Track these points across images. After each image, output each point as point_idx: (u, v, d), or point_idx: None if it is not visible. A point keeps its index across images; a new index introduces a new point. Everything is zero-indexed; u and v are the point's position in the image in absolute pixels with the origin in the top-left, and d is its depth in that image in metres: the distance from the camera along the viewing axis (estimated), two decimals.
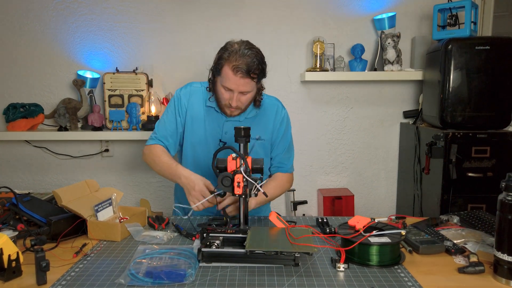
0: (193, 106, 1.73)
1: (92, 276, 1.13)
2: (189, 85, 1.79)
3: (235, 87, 1.57)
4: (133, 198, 2.79)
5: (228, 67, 1.55)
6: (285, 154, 1.81)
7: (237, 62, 1.53)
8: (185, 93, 1.76)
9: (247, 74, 1.54)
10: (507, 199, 1.07)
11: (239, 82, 1.56)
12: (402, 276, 1.13)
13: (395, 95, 2.74)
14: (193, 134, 1.73)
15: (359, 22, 2.67)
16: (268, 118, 1.76)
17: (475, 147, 2.13)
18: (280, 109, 1.79)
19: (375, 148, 2.80)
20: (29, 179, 2.77)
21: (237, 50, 1.55)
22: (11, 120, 2.53)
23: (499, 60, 2.16)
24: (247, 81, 1.56)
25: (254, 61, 1.55)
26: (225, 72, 1.57)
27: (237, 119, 1.71)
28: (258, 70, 1.57)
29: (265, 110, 1.76)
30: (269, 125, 1.76)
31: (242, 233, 1.28)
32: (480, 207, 2.14)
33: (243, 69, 1.53)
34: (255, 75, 1.57)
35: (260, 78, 1.62)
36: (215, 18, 2.64)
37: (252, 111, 1.73)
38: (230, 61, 1.55)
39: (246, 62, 1.53)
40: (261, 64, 1.59)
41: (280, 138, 1.79)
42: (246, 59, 1.54)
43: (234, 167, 1.35)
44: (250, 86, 1.59)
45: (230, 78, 1.56)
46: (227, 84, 1.58)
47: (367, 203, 2.84)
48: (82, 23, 2.63)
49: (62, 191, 1.44)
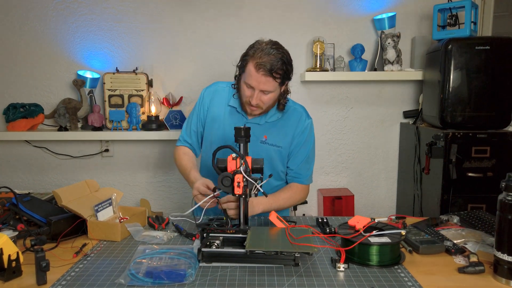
0: (215, 105, 1.75)
1: (92, 276, 1.13)
2: (214, 84, 1.81)
3: (256, 84, 1.56)
4: (133, 198, 2.80)
5: (251, 64, 1.55)
6: (304, 164, 1.75)
7: (260, 60, 1.53)
8: (209, 92, 1.78)
9: (269, 73, 1.53)
10: (507, 199, 1.07)
11: (261, 80, 1.55)
12: (402, 276, 1.13)
13: (395, 95, 2.74)
14: (213, 133, 1.74)
15: (359, 22, 2.67)
16: (289, 126, 1.72)
17: (475, 147, 2.13)
18: (304, 119, 1.74)
19: (375, 148, 2.80)
20: (29, 179, 2.77)
21: (263, 48, 1.55)
22: (11, 120, 2.53)
23: (499, 60, 2.16)
24: (268, 80, 1.55)
25: (278, 61, 1.54)
26: (249, 68, 1.57)
27: (257, 121, 1.69)
28: (281, 70, 1.55)
29: (288, 117, 1.73)
30: (289, 133, 1.72)
31: (242, 233, 1.28)
32: (480, 207, 2.14)
33: (266, 67, 1.52)
34: (278, 75, 1.55)
35: (283, 79, 1.59)
36: (215, 18, 2.64)
37: (274, 115, 1.71)
38: (254, 58, 1.54)
39: (270, 61, 1.52)
40: (285, 65, 1.57)
41: (300, 148, 1.74)
42: (271, 57, 1.53)
43: (234, 167, 1.35)
44: (272, 86, 1.57)
45: (252, 75, 1.56)
46: (249, 81, 1.58)
47: (367, 203, 2.84)
48: (82, 23, 2.63)
49: (62, 191, 1.44)
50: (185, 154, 1.78)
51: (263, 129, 1.70)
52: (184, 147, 1.81)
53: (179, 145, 1.83)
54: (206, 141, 1.78)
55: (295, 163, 1.75)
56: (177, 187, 2.79)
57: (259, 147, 1.69)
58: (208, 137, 1.76)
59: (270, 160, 1.71)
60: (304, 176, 1.77)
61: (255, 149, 1.68)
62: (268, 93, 1.59)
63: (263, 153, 1.69)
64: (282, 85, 1.63)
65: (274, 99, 1.65)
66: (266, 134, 1.70)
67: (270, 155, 1.70)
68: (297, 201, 1.79)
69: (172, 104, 2.61)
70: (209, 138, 1.75)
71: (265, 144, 1.70)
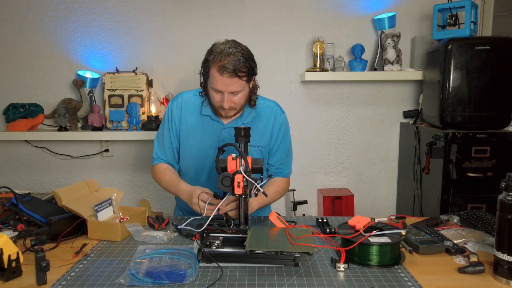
0: (187, 117, 1.71)
1: (92, 276, 1.13)
2: (179, 96, 1.76)
3: (224, 88, 1.55)
4: (133, 198, 2.80)
5: (214, 69, 1.53)
6: (284, 158, 1.78)
7: (222, 62, 1.51)
8: (177, 105, 1.73)
9: (233, 73, 1.52)
10: (507, 199, 1.07)
11: (227, 82, 1.53)
12: (402, 276, 1.13)
13: (395, 95, 2.74)
14: (190, 145, 1.71)
15: (359, 22, 2.67)
16: (265, 124, 1.72)
17: (475, 147, 2.13)
18: (279, 114, 1.75)
19: (375, 148, 2.80)
20: (29, 179, 2.77)
21: (222, 50, 1.53)
22: (11, 120, 2.53)
23: (499, 60, 2.15)
24: (235, 80, 1.53)
25: (239, 59, 1.52)
26: (212, 74, 1.55)
27: (233, 124, 1.66)
28: (245, 68, 1.54)
29: (263, 115, 1.73)
30: (267, 131, 1.72)
31: (242, 233, 1.28)
32: (480, 207, 2.14)
33: (229, 68, 1.50)
34: (243, 73, 1.54)
35: (249, 76, 1.58)
36: (215, 18, 2.64)
37: (249, 115, 1.70)
38: (215, 62, 1.52)
39: (231, 61, 1.51)
40: (248, 61, 1.55)
41: (279, 144, 1.75)
42: (231, 58, 1.51)
43: (234, 167, 1.35)
44: (240, 85, 1.56)
45: (218, 80, 1.54)
46: (216, 86, 1.56)
47: (367, 203, 2.84)
48: (82, 23, 2.63)
49: (62, 191, 1.44)
50: (167, 169, 1.73)
51: None
52: (162, 163, 1.75)
53: (156, 164, 1.76)
54: (184, 154, 1.74)
55: (277, 159, 1.77)
56: None
57: None
58: (186, 150, 1.73)
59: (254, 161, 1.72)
60: (286, 169, 1.81)
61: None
62: (238, 93, 1.58)
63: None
64: (250, 82, 1.62)
65: (246, 97, 1.64)
66: None
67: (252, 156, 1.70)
68: (283, 193, 1.84)
69: None
70: (188, 150, 1.72)
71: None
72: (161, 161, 1.75)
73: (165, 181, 1.71)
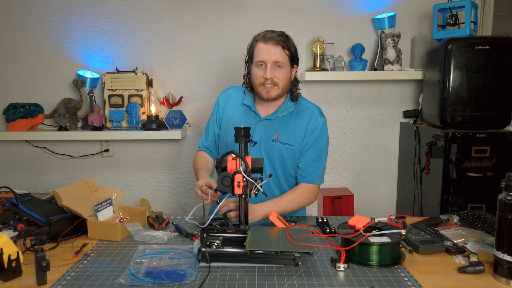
0: (230, 108, 1.79)
1: (92, 276, 1.13)
2: (228, 89, 1.87)
3: (267, 56, 1.62)
4: (133, 198, 2.80)
5: (259, 42, 1.64)
6: (313, 162, 1.71)
7: (267, 35, 1.63)
8: (224, 96, 1.83)
9: (278, 42, 1.61)
10: (507, 199, 1.07)
11: (271, 50, 1.61)
12: (402, 276, 1.13)
13: (395, 95, 2.74)
14: (228, 134, 1.76)
15: (359, 22, 2.67)
16: (301, 124, 1.71)
17: (475, 146, 2.13)
18: (316, 116, 1.72)
19: (375, 148, 2.80)
20: (29, 179, 2.77)
21: (266, 31, 1.66)
22: (11, 120, 2.53)
23: (499, 60, 2.15)
24: (279, 49, 1.62)
25: (283, 34, 1.65)
26: (258, 47, 1.65)
27: (269, 117, 1.71)
28: (288, 42, 1.65)
29: (300, 114, 1.72)
30: (301, 131, 1.70)
31: (242, 233, 1.28)
32: (480, 207, 2.14)
33: (273, 37, 1.61)
34: (286, 46, 1.63)
35: (292, 56, 1.67)
36: (215, 18, 2.64)
37: (286, 109, 1.71)
38: (260, 37, 1.65)
39: (276, 34, 1.64)
40: (291, 42, 1.67)
41: (310, 146, 1.70)
42: (276, 33, 1.65)
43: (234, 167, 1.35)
44: (282, 57, 1.63)
45: (262, 49, 1.63)
46: (260, 57, 1.63)
47: (367, 203, 2.84)
48: (82, 23, 2.63)
49: (62, 191, 1.44)
50: (201, 157, 1.83)
51: (275, 126, 1.71)
52: (201, 151, 1.87)
53: (198, 150, 1.89)
54: (222, 143, 1.82)
55: (305, 161, 1.70)
56: (177, 187, 2.79)
57: (271, 145, 1.70)
58: (224, 138, 1.79)
59: (282, 160, 1.71)
60: (313, 174, 1.70)
61: (268, 147, 1.70)
62: (281, 66, 1.64)
63: (275, 152, 1.70)
64: (292, 65, 1.69)
65: (288, 79, 1.68)
66: (278, 133, 1.70)
67: (282, 154, 1.70)
68: (302, 203, 1.69)
69: (172, 104, 2.61)
70: (225, 139, 1.79)
71: (277, 143, 1.70)
72: (203, 148, 1.87)
73: (195, 168, 1.81)
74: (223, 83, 2.69)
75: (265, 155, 1.71)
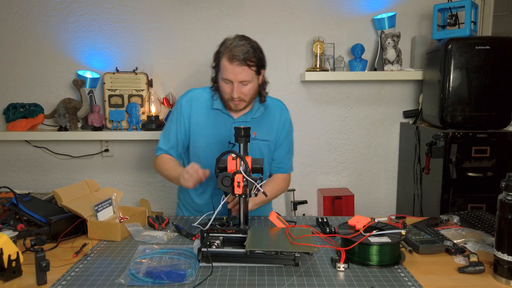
0: (197, 111, 1.75)
1: (92, 276, 1.13)
2: (189, 91, 1.81)
3: (233, 76, 1.59)
4: (133, 198, 2.80)
5: (225, 59, 1.59)
6: (287, 154, 1.83)
7: (232, 52, 1.57)
8: (187, 100, 1.77)
9: (243, 62, 1.56)
10: (507, 199, 1.07)
11: (237, 71, 1.58)
12: (402, 276, 1.13)
13: (395, 95, 2.74)
14: (201, 139, 1.74)
15: (359, 22, 2.67)
16: (273, 119, 1.78)
17: (475, 147, 2.13)
18: (284, 111, 1.82)
19: (375, 148, 2.80)
20: (29, 179, 2.77)
21: (232, 42, 1.60)
22: (11, 120, 2.53)
23: (499, 60, 2.15)
24: (244, 69, 1.58)
25: (249, 49, 1.58)
26: (223, 64, 1.60)
27: (244, 119, 1.72)
28: (254, 57, 1.59)
29: (270, 111, 1.78)
30: (274, 126, 1.78)
31: (242, 233, 1.28)
32: (480, 207, 2.14)
33: (239, 57, 1.56)
34: (252, 62, 1.59)
35: (258, 67, 1.63)
36: (215, 18, 2.64)
37: (258, 110, 1.74)
38: (226, 53, 1.59)
39: (241, 50, 1.57)
40: (257, 52, 1.61)
41: (283, 139, 1.80)
42: (241, 48, 1.57)
43: (234, 167, 1.35)
44: (249, 75, 1.60)
45: (228, 68, 1.59)
46: (226, 75, 1.60)
47: (367, 203, 2.84)
48: (82, 23, 2.63)
49: (62, 191, 1.44)
50: (170, 159, 1.77)
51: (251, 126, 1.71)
52: (165, 155, 1.79)
53: (159, 154, 1.80)
54: (195, 148, 1.76)
55: (280, 154, 1.81)
56: (177, 187, 2.78)
57: (250, 144, 1.71)
58: (197, 143, 1.75)
59: (261, 156, 1.75)
60: (287, 165, 1.84)
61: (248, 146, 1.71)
62: (247, 83, 1.62)
63: (255, 149, 1.73)
64: (259, 75, 1.67)
65: (255, 90, 1.68)
66: (254, 131, 1.73)
67: (261, 150, 1.75)
68: (281, 191, 1.85)
69: (172, 104, 2.60)
70: (198, 144, 1.75)
71: (256, 141, 1.74)
72: (165, 152, 1.79)
73: (168, 169, 1.73)
74: None
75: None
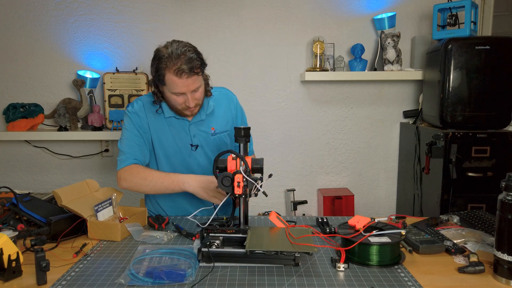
0: (152, 119, 1.70)
1: (92, 276, 1.13)
2: (139, 99, 1.74)
3: (186, 89, 1.55)
4: (133, 198, 2.79)
5: (170, 74, 1.51)
6: None
7: (176, 65, 1.50)
8: (139, 107, 1.70)
9: (191, 72, 1.52)
10: (507, 199, 1.07)
11: (188, 83, 1.54)
12: (402, 276, 1.13)
13: (395, 95, 2.74)
14: (164, 145, 1.71)
15: (359, 22, 2.67)
16: (225, 108, 1.78)
17: (475, 147, 2.13)
18: (230, 96, 1.82)
19: (375, 148, 2.80)
20: (29, 179, 2.77)
21: (170, 53, 1.51)
22: (11, 120, 2.53)
23: (499, 60, 2.16)
24: (194, 78, 1.55)
25: (191, 56, 1.52)
26: (170, 79, 1.53)
27: (199, 119, 1.70)
28: (198, 63, 1.54)
29: (221, 102, 1.78)
30: (228, 115, 1.78)
31: (242, 233, 1.28)
32: (480, 207, 2.14)
33: (186, 69, 1.50)
34: (198, 69, 1.55)
35: (202, 69, 1.60)
36: (215, 18, 2.64)
37: (209, 105, 1.73)
38: (169, 67, 1.51)
39: (185, 61, 1.50)
40: (198, 55, 1.56)
41: (240, 123, 1.80)
42: (183, 58, 1.50)
43: (234, 167, 1.35)
44: (199, 81, 1.59)
45: (177, 83, 1.53)
46: (177, 90, 1.55)
47: (367, 203, 2.84)
48: (82, 23, 2.63)
49: (62, 191, 1.44)
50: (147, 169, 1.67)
51: (208, 123, 1.73)
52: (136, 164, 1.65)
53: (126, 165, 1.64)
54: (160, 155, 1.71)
55: None
56: None
57: (212, 140, 1.74)
58: (161, 150, 1.71)
59: (226, 147, 1.75)
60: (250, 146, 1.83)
61: (210, 143, 1.73)
62: (198, 88, 1.60)
63: (219, 143, 1.74)
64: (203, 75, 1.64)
65: (204, 90, 1.66)
66: (212, 126, 1.73)
67: (224, 142, 1.76)
68: None
69: None
70: (162, 151, 1.71)
71: (216, 135, 1.74)
72: (134, 161, 1.65)
73: (156, 177, 1.61)
74: (223, 83, 2.68)
75: (211, 151, 1.74)
